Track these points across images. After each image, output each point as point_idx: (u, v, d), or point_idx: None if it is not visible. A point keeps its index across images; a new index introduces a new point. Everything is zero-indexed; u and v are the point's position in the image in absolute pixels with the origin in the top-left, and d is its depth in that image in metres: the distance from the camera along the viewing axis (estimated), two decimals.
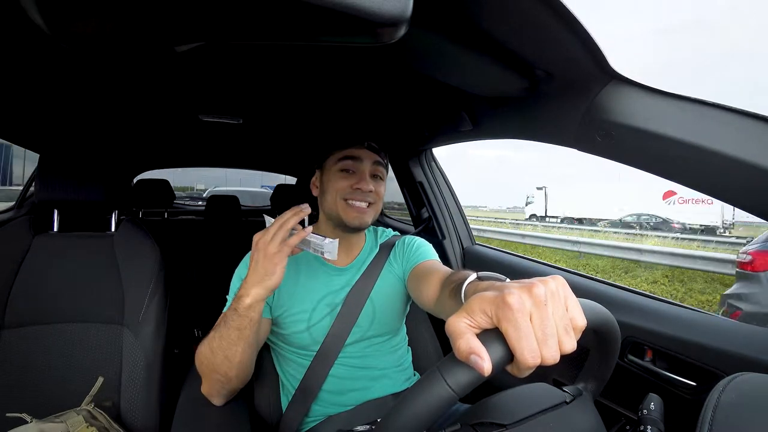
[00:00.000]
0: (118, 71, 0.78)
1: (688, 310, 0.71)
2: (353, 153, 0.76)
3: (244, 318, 0.60)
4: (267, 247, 0.59)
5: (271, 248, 0.58)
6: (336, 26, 0.30)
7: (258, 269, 0.59)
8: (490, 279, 0.45)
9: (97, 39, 0.32)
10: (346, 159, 0.76)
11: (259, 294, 0.59)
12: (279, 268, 0.59)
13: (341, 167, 0.76)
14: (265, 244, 0.59)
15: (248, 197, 4.72)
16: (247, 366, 0.66)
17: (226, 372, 0.64)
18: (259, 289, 0.59)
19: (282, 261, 0.59)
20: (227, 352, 0.62)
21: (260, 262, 0.59)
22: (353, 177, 0.76)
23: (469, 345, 0.29)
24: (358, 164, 0.76)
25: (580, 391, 0.48)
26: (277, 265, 0.58)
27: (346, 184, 0.75)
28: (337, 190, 0.75)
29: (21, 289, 0.86)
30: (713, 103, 0.47)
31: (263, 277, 0.58)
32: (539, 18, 0.43)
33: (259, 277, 0.59)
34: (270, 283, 0.59)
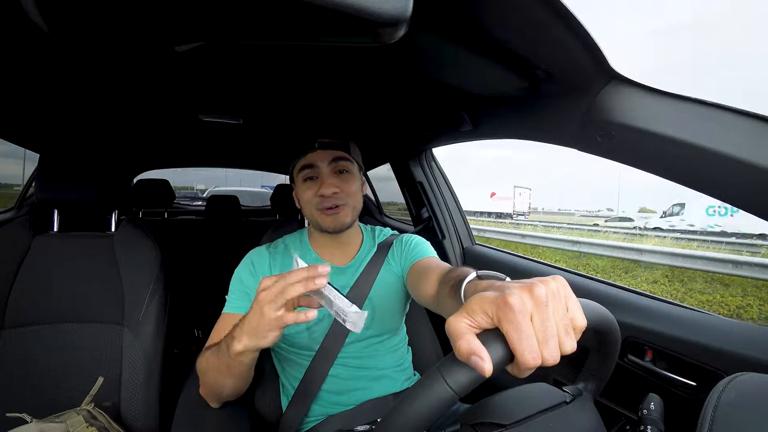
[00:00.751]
0: (118, 71, 0.78)
1: (688, 310, 0.71)
2: (308, 160, 0.76)
3: (234, 361, 0.56)
4: (265, 306, 0.49)
5: (271, 309, 0.48)
6: (336, 26, 0.30)
7: (252, 323, 0.51)
8: (490, 278, 0.45)
9: (97, 39, 0.32)
10: (304, 168, 0.76)
11: (248, 346, 0.53)
12: (272, 336, 0.51)
13: (303, 177, 0.77)
14: (265, 301, 0.49)
15: (248, 197, 4.73)
16: (240, 388, 0.65)
17: (219, 392, 0.64)
18: (249, 342, 0.52)
19: (277, 330, 0.51)
20: (218, 377, 0.61)
21: (256, 318, 0.50)
22: (316, 184, 0.76)
23: (470, 345, 0.29)
24: (315, 170, 0.76)
25: (580, 391, 0.48)
26: (269, 332, 0.50)
27: (311, 194, 0.75)
28: (308, 202, 0.76)
29: (21, 289, 0.86)
30: (713, 103, 0.47)
31: (255, 334, 0.51)
32: (539, 18, 0.43)
33: (251, 331, 0.51)
34: (261, 344, 0.52)
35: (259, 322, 0.50)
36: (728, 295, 5.30)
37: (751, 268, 5.41)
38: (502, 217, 21.81)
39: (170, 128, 1.30)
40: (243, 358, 0.56)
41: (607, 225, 12.64)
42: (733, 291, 5.41)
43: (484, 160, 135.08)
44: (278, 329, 0.51)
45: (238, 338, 0.53)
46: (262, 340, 0.51)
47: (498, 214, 23.14)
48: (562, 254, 8.06)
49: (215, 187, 7.10)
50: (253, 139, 1.46)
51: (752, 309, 4.89)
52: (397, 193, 1.53)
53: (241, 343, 0.53)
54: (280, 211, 1.93)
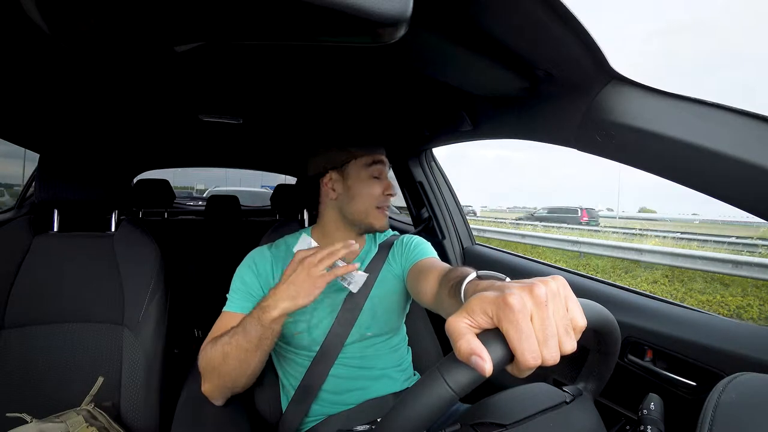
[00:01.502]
0: (119, 71, 0.78)
1: (688, 310, 0.71)
2: (380, 158, 0.78)
3: (267, 329, 0.60)
4: (312, 268, 0.59)
5: (316, 271, 0.59)
6: (336, 26, 0.30)
7: (295, 286, 0.59)
8: (490, 278, 0.45)
9: (97, 39, 0.32)
10: (375, 164, 0.78)
11: (287, 308, 0.59)
12: (317, 292, 0.59)
13: (372, 172, 0.77)
14: (311, 264, 0.59)
15: (248, 197, 4.73)
16: (257, 374, 0.67)
17: (236, 378, 0.64)
18: (288, 304, 0.59)
19: (322, 286, 0.59)
20: (243, 361, 0.62)
21: (300, 280, 0.59)
22: (382, 182, 0.78)
23: (470, 345, 0.29)
24: (382, 170, 0.79)
25: (580, 391, 0.48)
26: (317, 289, 0.59)
27: (379, 190, 0.77)
28: (372, 196, 0.77)
29: (21, 289, 0.86)
30: (713, 103, 0.47)
31: (298, 294, 0.58)
32: (539, 18, 0.43)
33: (293, 293, 0.59)
34: (303, 302, 0.59)
35: (304, 283, 0.59)
36: (728, 295, 5.31)
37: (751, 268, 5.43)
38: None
39: (170, 128, 1.30)
40: (276, 326, 0.60)
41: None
42: (733, 291, 5.41)
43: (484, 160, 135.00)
44: (323, 286, 0.59)
45: (273, 306, 0.59)
46: (306, 299, 0.58)
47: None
48: (562, 254, 8.07)
49: (215, 187, 7.11)
50: (253, 139, 1.46)
51: (752, 309, 4.89)
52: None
53: (278, 308, 0.59)
54: (280, 211, 1.92)
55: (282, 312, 0.59)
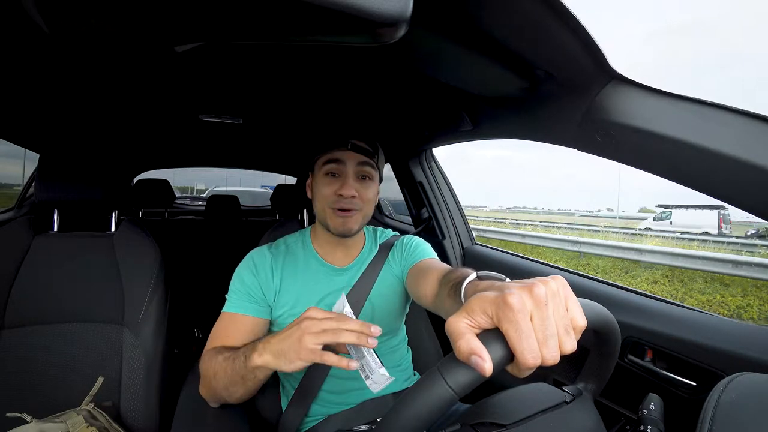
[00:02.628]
0: (119, 71, 0.78)
1: (688, 310, 0.71)
2: (336, 156, 0.73)
3: (250, 373, 0.56)
4: (307, 335, 0.49)
5: (307, 342, 0.49)
6: (336, 26, 0.30)
7: (284, 345, 0.51)
8: (490, 278, 0.45)
9: (97, 39, 0.32)
10: (330, 162, 0.73)
11: (269, 363, 0.53)
12: (298, 365, 0.50)
13: (326, 171, 0.74)
14: (308, 330, 0.50)
15: (248, 197, 4.73)
16: (245, 399, 0.65)
17: (224, 397, 0.64)
18: (271, 360, 0.52)
19: (307, 361, 0.50)
20: (228, 388, 0.61)
21: (291, 341, 0.50)
22: (337, 181, 0.73)
23: (470, 345, 0.29)
24: (341, 167, 0.73)
25: (580, 391, 0.48)
26: (299, 360, 0.50)
27: (331, 190, 0.73)
28: (324, 197, 0.73)
29: (21, 289, 0.86)
30: (713, 103, 0.47)
31: (282, 354, 0.51)
32: (539, 18, 0.43)
33: (278, 351, 0.52)
34: (284, 367, 0.51)
35: (291, 347, 0.50)
36: (728, 295, 5.30)
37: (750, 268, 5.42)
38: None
39: (170, 128, 1.30)
40: (259, 373, 0.56)
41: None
42: (733, 291, 5.41)
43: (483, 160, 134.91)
44: (308, 362, 0.50)
45: (260, 353, 0.53)
46: (287, 365, 0.51)
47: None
48: (562, 254, 8.06)
49: (215, 187, 7.11)
50: (253, 139, 1.46)
51: (752, 309, 4.89)
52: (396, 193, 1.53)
53: (262, 358, 0.53)
54: (280, 211, 1.93)
55: (264, 364, 0.53)
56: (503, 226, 13.18)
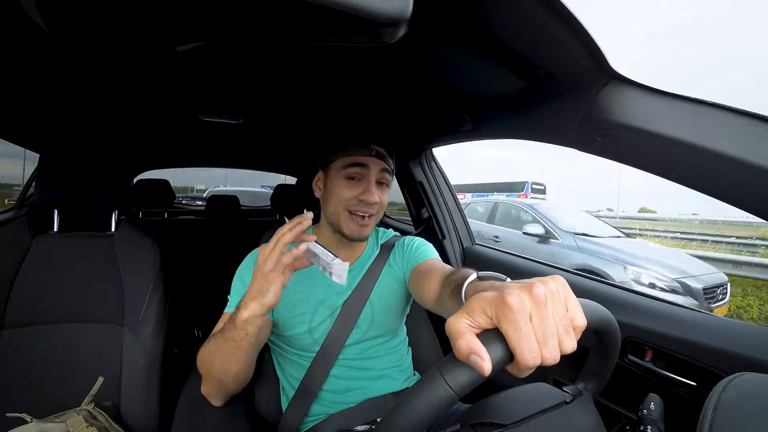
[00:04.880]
0: (119, 71, 0.78)
1: (688, 310, 0.71)
2: (360, 160, 0.72)
3: (241, 331, 0.58)
4: (263, 264, 0.56)
5: (267, 265, 0.56)
6: (336, 26, 0.30)
7: (255, 285, 0.57)
8: (491, 279, 0.45)
9: (97, 39, 0.32)
10: (353, 166, 0.72)
11: (255, 310, 0.57)
12: (273, 287, 0.56)
13: (348, 174, 0.72)
14: (263, 259, 0.57)
15: (248, 197, 4.73)
16: (243, 375, 0.66)
17: (222, 378, 0.64)
18: (255, 305, 0.57)
19: (276, 279, 0.56)
20: (223, 361, 0.62)
21: (257, 278, 0.57)
22: (359, 186, 0.72)
23: (470, 345, 0.29)
24: (364, 171, 0.72)
25: (580, 391, 0.48)
26: (271, 284, 0.56)
27: (352, 194, 0.72)
28: (342, 199, 0.72)
29: (21, 289, 0.86)
30: (713, 103, 0.47)
31: (258, 294, 0.56)
32: (539, 18, 0.43)
33: (255, 293, 0.57)
34: (266, 301, 0.56)
35: (260, 281, 0.56)
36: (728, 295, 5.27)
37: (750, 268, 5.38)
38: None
39: (170, 128, 1.30)
40: (250, 327, 0.58)
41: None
42: (733, 291, 5.37)
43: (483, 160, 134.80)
44: (278, 278, 0.56)
45: (244, 306, 0.57)
46: (264, 298, 0.56)
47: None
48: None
49: (215, 187, 7.11)
50: (253, 139, 1.46)
51: (752, 309, 4.87)
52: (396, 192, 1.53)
53: (247, 309, 0.57)
54: (280, 211, 1.93)
55: (251, 313, 0.57)
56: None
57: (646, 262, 3.34)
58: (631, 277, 3.23)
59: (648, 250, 3.81)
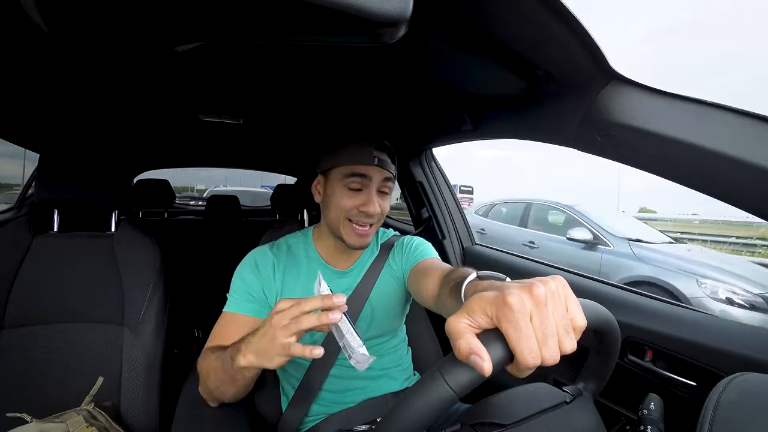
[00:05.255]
0: (119, 71, 0.78)
1: (688, 310, 0.71)
2: (362, 170, 0.70)
3: (238, 373, 0.55)
4: (279, 330, 0.48)
5: (280, 337, 0.48)
6: (336, 26, 0.30)
7: (261, 344, 0.50)
8: (490, 278, 0.45)
9: (97, 39, 0.32)
10: (354, 176, 0.70)
11: (253, 363, 0.51)
12: (278, 361, 0.50)
13: (348, 184, 0.70)
14: (278, 325, 0.48)
15: (248, 196, 4.75)
16: (239, 397, 0.64)
17: (218, 395, 0.64)
18: (254, 360, 0.51)
19: (284, 357, 0.49)
20: (220, 387, 0.61)
21: (266, 340, 0.50)
22: (360, 196, 0.70)
23: (470, 345, 0.29)
24: (366, 182, 0.70)
25: (580, 391, 0.48)
26: (276, 357, 0.49)
27: (352, 204, 0.70)
28: (342, 208, 0.70)
29: (21, 289, 0.86)
30: (713, 103, 0.47)
31: (262, 353, 0.50)
32: (539, 18, 0.43)
33: (258, 349, 0.51)
34: (267, 365, 0.51)
35: (268, 345, 0.49)
36: None
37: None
38: None
39: (170, 128, 1.30)
40: (246, 373, 0.56)
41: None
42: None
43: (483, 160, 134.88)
44: (286, 356, 0.49)
45: (244, 353, 0.52)
46: (268, 362, 0.50)
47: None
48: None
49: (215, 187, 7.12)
50: (253, 139, 1.46)
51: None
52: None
53: (246, 359, 0.52)
54: (280, 211, 1.92)
55: (248, 365, 0.51)
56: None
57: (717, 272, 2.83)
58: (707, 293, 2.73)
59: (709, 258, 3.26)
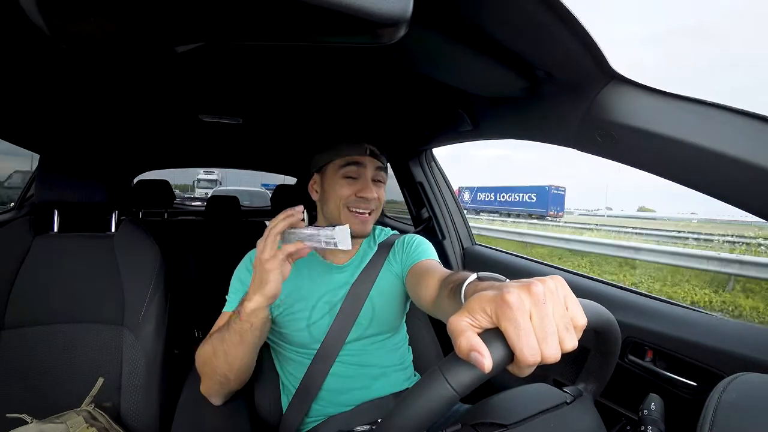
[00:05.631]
0: (118, 72, 0.78)
1: (689, 310, 0.71)
2: (356, 159, 0.75)
3: (246, 323, 0.60)
4: (261, 254, 0.58)
5: (264, 255, 0.57)
6: (336, 26, 0.30)
7: (256, 277, 0.59)
8: (490, 279, 0.45)
9: (97, 39, 0.32)
10: (349, 165, 0.75)
11: (260, 301, 0.58)
12: (272, 276, 0.57)
13: (345, 173, 0.75)
14: (260, 251, 0.58)
15: (246, 195, 4.79)
16: (246, 369, 0.66)
17: (225, 373, 0.64)
18: (259, 297, 0.58)
19: (275, 268, 0.57)
20: (228, 355, 0.62)
21: (257, 269, 0.58)
22: (356, 184, 0.75)
23: (470, 342, 0.29)
24: (361, 170, 0.75)
25: (580, 392, 0.48)
26: (269, 273, 0.57)
27: (350, 191, 0.74)
28: (341, 197, 0.74)
29: (21, 289, 0.86)
30: (713, 103, 0.47)
31: (260, 284, 0.58)
32: (539, 18, 0.43)
33: (257, 285, 0.58)
34: (267, 291, 0.58)
35: (259, 271, 0.58)
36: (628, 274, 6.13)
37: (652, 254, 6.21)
38: None
39: (170, 128, 1.30)
40: (254, 319, 0.60)
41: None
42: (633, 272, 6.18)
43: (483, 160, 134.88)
44: (276, 267, 0.57)
45: (248, 298, 0.59)
46: (266, 288, 0.57)
47: None
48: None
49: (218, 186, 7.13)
50: (253, 139, 1.46)
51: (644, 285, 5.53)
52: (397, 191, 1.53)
53: (251, 301, 0.58)
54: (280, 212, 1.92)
55: (256, 305, 0.58)
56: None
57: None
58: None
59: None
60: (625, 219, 19.21)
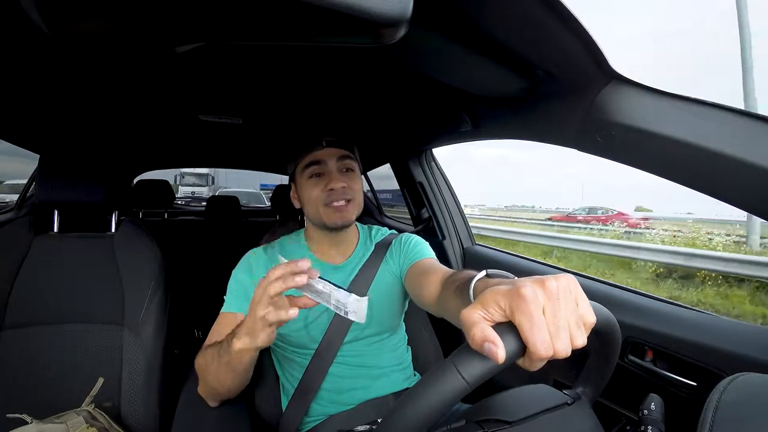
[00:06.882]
0: (119, 72, 0.78)
1: (689, 310, 0.71)
2: (315, 157, 0.75)
3: (234, 358, 0.57)
4: (254, 306, 0.50)
5: (258, 311, 0.49)
6: (336, 27, 0.30)
7: (248, 323, 0.53)
8: (499, 277, 0.45)
9: (97, 39, 0.32)
10: (311, 165, 0.75)
11: (248, 344, 0.53)
12: (264, 336, 0.51)
13: (309, 174, 0.76)
14: (256, 301, 0.50)
15: (243, 196, 4.87)
16: (237, 388, 0.66)
17: (216, 387, 0.64)
18: (247, 341, 0.53)
19: (267, 329, 0.51)
20: (219, 376, 0.62)
21: (250, 317, 0.52)
22: (322, 180, 0.75)
23: (484, 333, 0.29)
24: (323, 167, 0.75)
25: (578, 395, 0.48)
26: (261, 332, 0.51)
27: (319, 190, 0.74)
28: (313, 199, 0.75)
29: (21, 289, 0.86)
30: (713, 103, 0.47)
31: (251, 332, 0.52)
32: (539, 18, 0.43)
33: (249, 330, 0.53)
34: (256, 343, 0.52)
35: (252, 323, 0.52)
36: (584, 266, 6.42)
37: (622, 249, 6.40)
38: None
39: (170, 128, 1.30)
40: (242, 357, 0.57)
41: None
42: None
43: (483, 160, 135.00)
44: (269, 329, 0.51)
45: (238, 336, 0.55)
46: (256, 340, 0.52)
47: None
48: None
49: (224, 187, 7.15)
50: (253, 139, 1.46)
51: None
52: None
53: (240, 341, 0.54)
54: (280, 212, 1.93)
55: (243, 346, 0.54)
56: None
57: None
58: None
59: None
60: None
